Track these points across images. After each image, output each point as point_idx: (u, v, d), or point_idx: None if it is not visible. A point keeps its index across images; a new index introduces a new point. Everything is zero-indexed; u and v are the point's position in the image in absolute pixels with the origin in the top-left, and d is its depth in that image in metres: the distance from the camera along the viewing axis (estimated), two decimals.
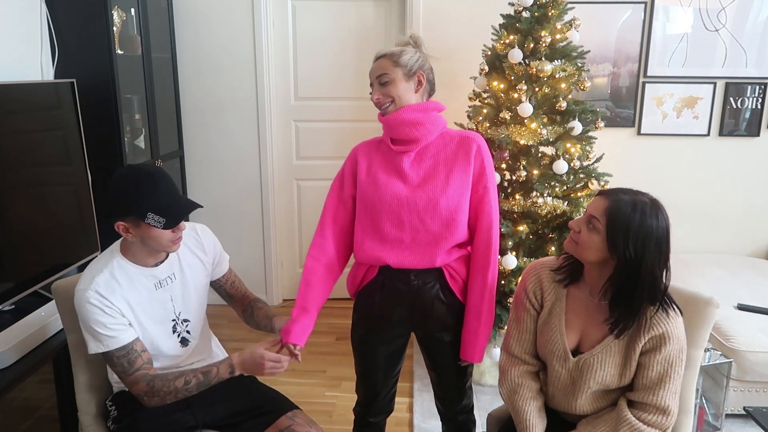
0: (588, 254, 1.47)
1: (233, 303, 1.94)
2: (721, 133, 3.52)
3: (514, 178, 2.71)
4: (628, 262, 1.42)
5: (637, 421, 1.48)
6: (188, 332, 1.74)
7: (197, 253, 1.76)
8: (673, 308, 1.49)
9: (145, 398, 1.59)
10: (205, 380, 1.60)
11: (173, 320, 1.70)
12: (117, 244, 1.65)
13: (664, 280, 1.45)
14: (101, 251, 2.57)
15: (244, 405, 1.75)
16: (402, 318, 1.77)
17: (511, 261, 2.59)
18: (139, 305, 1.62)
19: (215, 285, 1.88)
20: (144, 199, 1.50)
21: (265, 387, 1.85)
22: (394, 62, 1.68)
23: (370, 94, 1.72)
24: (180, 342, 1.72)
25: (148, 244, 1.57)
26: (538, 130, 2.63)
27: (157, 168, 1.59)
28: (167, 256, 1.68)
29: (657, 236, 1.41)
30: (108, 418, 1.74)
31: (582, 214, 2.59)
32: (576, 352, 1.55)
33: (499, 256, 2.62)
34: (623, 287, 1.44)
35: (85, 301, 1.54)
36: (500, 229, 2.64)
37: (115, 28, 2.72)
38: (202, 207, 1.62)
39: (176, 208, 1.54)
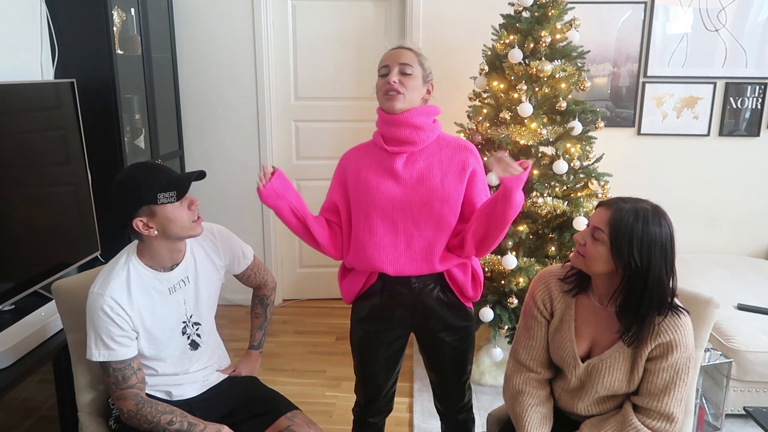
0: (595, 266, 1.47)
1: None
2: (721, 133, 3.52)
3: None
4: (635, 271, 1.42)
5: (643, 426, 1.48)
6: (198, 335, 1.73)
7: (212, 257, 1.75)
8: (681, 311, 1.48)
9: (126, 415, 1.58)
10: (188, 430, 1.57)
11: (183, 322, 1.69)
12: (133, 247, 1.63)
13: (670, 287, 1.45)
14: (101, 251, 2.57)
15: (244, 405, 1.75)
16: (402, 319, 1.77)
17: (511, 261, 2.59)
18: (151, 312, 1.60)
19: (236, 277, 1.90)
20: (148, 185, 1.51)
21: (265, 387, 1.85)
22: (419, 61, 1.67)
23: (382, 76, 1.66)
24: (190, 345, 1.72)
25: (171, 231, 1.54)
26: (538, 130, 2.63)
27: (147, 160, 1.60)
28: (183, 257, 1.66)
29: (661, 243, 1.41)
30: (110, 417, 1.74)
31: (582, 214, 2.62)
32: (586, 358, 1.56)
33: (499, 256, 2.63)
34: (632, 296, 1.44)
35: (98, 307, 1.52)
36: None
37: (115, 28, 2.72)
38: (204, 174, 1.60)
39: (180, 180, 1.55)
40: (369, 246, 1.69)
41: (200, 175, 1.59)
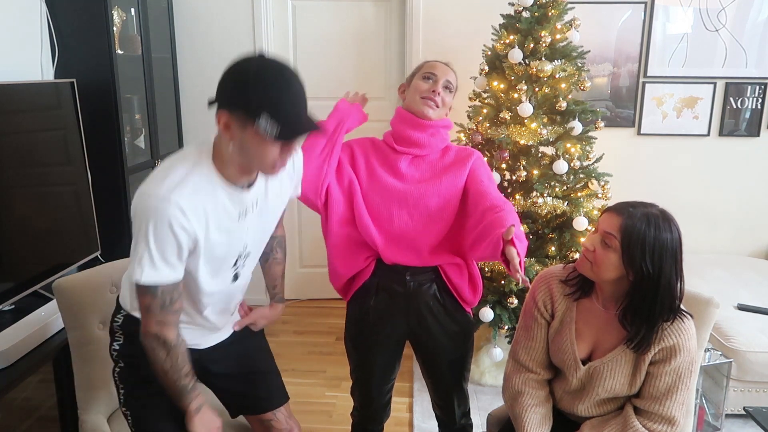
0: (605, 273, 1.45)
1: None
2: (721, 133, 3.52)
3: (514, 178, 2.71)
4: (646, 278, 1.41)
5: (644, 429, 1.48)
6: (244, 266, 1.51)
7: (284, 180, 1.49)
8: (685, 315, 1.48)
9: (156, 342, 1.33)
10: (180, 392, 1.40)
11: (239, 253, 1.46)
12: (209, 145, 1.34)
13: (679, 291, 1.45)
14: (101, 251, 2.56)
15: (244, 376, 1.67)
16: (398, 321, 1.76)
17: None
18: (218, 228, 1.33)
19: None
20: (265, 94, 1.19)
21: (270, 364, 1.77)
22: (455, 82, 1.75)
23: (427, 79, 1.70)
24: (233, 277, 1.49)
25: (246, 155, 1.27)
26: (538, 130, 2.63)
27: (293, 68, 1.25)
28: (257, 178, 1.39)
29: (672, 249, 1.41)
30: (112, 340, 1.54)
31: (582, 214, 2.62)
32: (588, 361, 1.55)
33: None
34: (642, 302, 1.44)
35: (162, 217, 1.22)
36: None
37: (115, 28, 2.72)
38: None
39: (297, 120, 1.23)
40: (369, 225, 1.70)
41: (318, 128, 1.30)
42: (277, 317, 1.78)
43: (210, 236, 1.32)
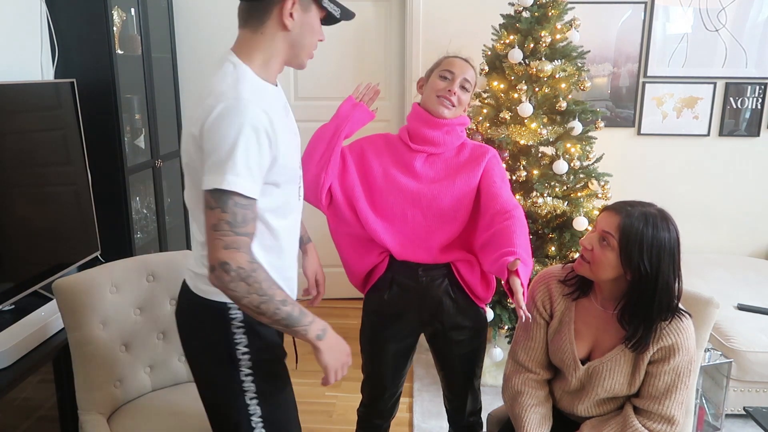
0: (603, 272, 1.46)
1: None
2: (721, 133, 3.52)
3: (514, 178, 2.72)
4: (644, 277, 1.41)
5: (644, 428, 1.48)
6: (300, 187, 1.40)
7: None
8: (684, 315, 1.48)
9: (231, 275, 1.14)
10: (296, 321, 1.23)
11: (297, 162, 1.37)
12: (230, 55, 1.31)
13: (677, 291, 1.45)
14: (101, 251, 2.56)
15: None
16: (412, 315, 1.77)
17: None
18: (282, 134, 1.25)
19: None
20: None
21: None
22: (474, 79, 1.74)
23: (444, 78, 1.69)
24: (298, 192, 1.40)
25: (300, 42, 1.27)
26: (538, 130, 2.63)
27: None
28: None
29: (670, 248, 1.41)
30: (231, 343, 1.31)
31: (582, 214, 2.62)
32: (587, 361, 1.55)
33: None
34: (640, 302, 1.44)
35: (247, 118, 1.15)
36: None
37: (115, 28, 2.72)
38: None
39: (346, 8, 1.34)
40: (381, 221, 1.71)
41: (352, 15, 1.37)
42: (317, 256, 1.74)
43: (280, 130, 1.23)
